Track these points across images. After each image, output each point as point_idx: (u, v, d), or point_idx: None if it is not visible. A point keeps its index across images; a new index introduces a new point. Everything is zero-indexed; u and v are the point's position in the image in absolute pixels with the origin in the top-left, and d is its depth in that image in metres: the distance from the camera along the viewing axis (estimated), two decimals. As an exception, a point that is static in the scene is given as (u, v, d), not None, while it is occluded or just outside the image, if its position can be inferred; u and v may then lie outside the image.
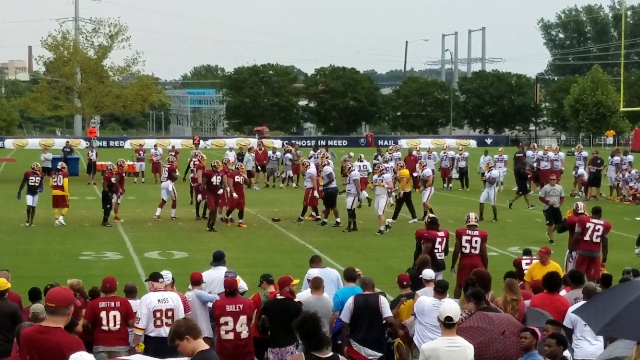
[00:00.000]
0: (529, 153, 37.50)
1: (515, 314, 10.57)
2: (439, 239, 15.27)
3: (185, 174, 34.59)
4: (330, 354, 7.46)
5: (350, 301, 11.05)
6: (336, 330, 11.44)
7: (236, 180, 25.60)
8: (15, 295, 11.69)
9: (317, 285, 11.54)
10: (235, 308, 10.97)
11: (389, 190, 25.63)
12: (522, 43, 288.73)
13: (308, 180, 27.01)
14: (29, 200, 25.87)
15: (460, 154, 38.65)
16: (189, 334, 6.89)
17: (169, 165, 29.67)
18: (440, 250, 15.23)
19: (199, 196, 27.14)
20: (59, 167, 27.74)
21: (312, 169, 27.28)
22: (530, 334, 8.60)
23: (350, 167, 26.38)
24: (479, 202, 27.82)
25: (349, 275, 12.14)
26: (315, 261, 13.28)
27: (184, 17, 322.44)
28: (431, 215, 17.57)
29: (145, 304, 10.98)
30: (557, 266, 13.97)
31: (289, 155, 38.71)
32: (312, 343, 7.35)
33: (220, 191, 25.13)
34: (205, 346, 7.03)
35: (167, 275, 11.83)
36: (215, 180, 25.13)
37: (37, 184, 26.06)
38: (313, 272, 12.06)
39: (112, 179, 26.19)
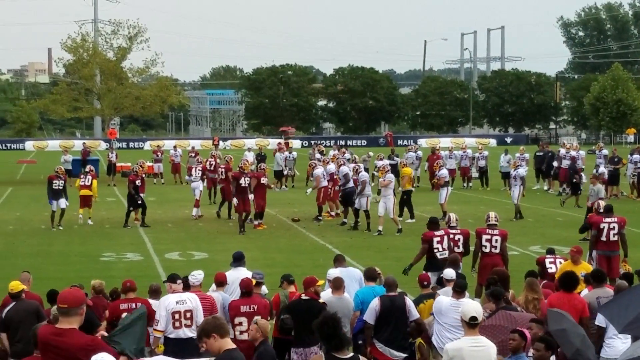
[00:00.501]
0: (562, 151, 36.25)
1: (537, 313, 10.50)
2: (436, 239, 15.20)
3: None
4: (351, 354, 7.40)
5: (375, 303, 10.96)
6: (357, 330, 11.38)
7: (262, 181, 25.53)
8: (36, 297, 11.75)
9: (337, 285, 11.48)
10: (250, 309, 10.94)
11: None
12: (541, 41, 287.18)
13: (322, 181, 27.30)
14: (54, 205, 25.75)
15: (480, 153, 38.52)
16: (216, 332, 6.95)
17: (202, 165, 30.65)
18: (440, 250, 15.14)
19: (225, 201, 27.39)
20: (87, 170, 28.19)
21: (317, 170, 27.55)
22: (519, 336, 8.46)
23: (358, 169, 26.37)
24: (513, 202, 27.56)
25: (370, 275, 12.09)
26: (339, 260, 13.24)
27: (202, 18, 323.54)
28: (433, 216, 17.45)
29: (163, 306, 10.95)
30: (587, 266, 13.82)
31: (319, 156, 38.74)
32: (332, 344, 7.31)
33: (251, 196, 24.96)
34: (232, 345, 7.08)
35: (199, 275, 11.68)
36: (244, 181, 24.78)
37: (60, 187, 26.01)
38: (333, 272, 11.98)
39: (137, 182, 26.30)
